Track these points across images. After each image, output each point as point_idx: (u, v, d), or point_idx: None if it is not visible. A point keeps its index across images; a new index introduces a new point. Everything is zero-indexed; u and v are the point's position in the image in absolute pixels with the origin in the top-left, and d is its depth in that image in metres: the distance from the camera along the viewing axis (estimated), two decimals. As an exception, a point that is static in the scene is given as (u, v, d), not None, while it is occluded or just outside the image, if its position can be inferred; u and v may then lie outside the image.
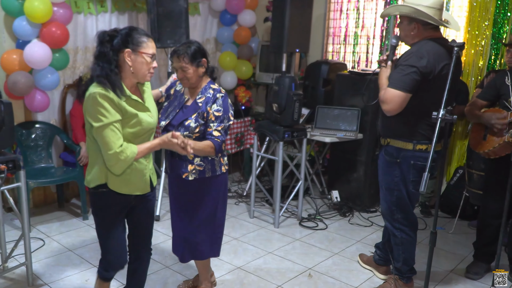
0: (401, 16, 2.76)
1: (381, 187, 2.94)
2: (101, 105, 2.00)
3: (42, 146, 4.22)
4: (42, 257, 3.42)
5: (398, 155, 2.76)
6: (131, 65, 2.09)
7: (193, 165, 2.58)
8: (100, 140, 2.04)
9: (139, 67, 2.11)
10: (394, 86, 2.60)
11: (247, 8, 5.42)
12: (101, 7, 4.55)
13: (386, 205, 2.92)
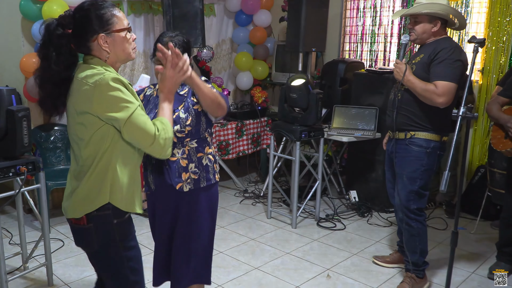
0: (418, 16, 2.80)
1: (400, 177, 2.93)
2: (119, 89, 1.63)
3: (61, 148, 4.27)
4: (61, 257, 3.46)
5: (428, 145, 2.84)
6: (109, 50, 1.71)
7: (187, 172, 2.20)
8: (135, 131, 1.65)
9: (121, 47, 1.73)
10: (448, 79, 2.67)
11: (262, 8, 5.42)
12: (118, 10, 4.58)
13: (403, 195, 2.91)
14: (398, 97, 2.87)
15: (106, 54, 1.71)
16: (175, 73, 1.81)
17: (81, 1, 1.74)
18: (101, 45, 1.68)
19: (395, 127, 2.89)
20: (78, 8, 1.68)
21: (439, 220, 4.19)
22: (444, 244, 3.65)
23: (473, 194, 4.26)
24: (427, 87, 2.70)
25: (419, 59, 2.82)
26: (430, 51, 2.77)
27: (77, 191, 1.75)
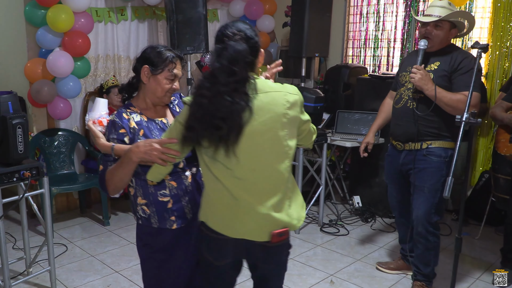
0: (441, 21, 2.75)
1: (421, 190, 2.85)
2: None
3: (65, 153, 4.28)
4: (65, 262, 3.46)
5: (446, 154, 2.80)
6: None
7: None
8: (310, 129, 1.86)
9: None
10: (476, 89, 2.63)
11: (265, 13, 5.43)
12: (121, 16, 4.61)
13: (425, 209, 2.84)
14: (412, 106, 2.80)
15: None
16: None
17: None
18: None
19: (415, 138, 2.80)
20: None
21: (443, 225, 4.17)
22: (448, 250, 3.63)
23: (477, 200, 4.24)
24: (456, 98, 2.64)
25: (436, 67, 2.76)
26: (448, 60, 2.73)
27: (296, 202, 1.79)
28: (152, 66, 1.90)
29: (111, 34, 4.61)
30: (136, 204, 1.96)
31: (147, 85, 1.92)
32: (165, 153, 1.65)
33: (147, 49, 1.96)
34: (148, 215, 1.94)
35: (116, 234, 3.99)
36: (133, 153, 1.68)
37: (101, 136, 1.85)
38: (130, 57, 4.81)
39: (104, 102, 2.00)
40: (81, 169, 4.55)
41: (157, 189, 1.92)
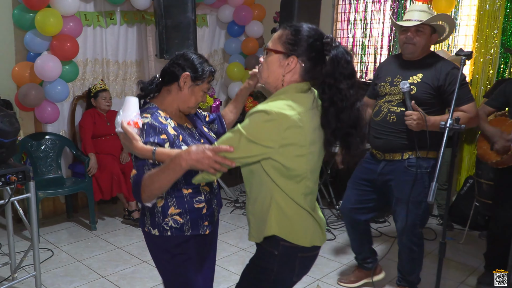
0: (423, 24, 2.70)
1: (403, 203, 2.79)
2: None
3: (52, 157, 4.25)
4: (51, 267, 3.43)
5: (428, 164, 2.76)
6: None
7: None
8: None
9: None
10: (472, 99, 2.68)
11: (254, 19, 5.47)
12: (110, 20, 4.61)
13: (409, 221, 2.79)
14: (392, 120, 2.74)
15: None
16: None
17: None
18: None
19: (396, 150, 2.77)
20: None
21: (429, 230, 4.22)
22: (433, 254, 3.68)
23: (462, 205, 4.30)
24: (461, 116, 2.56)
25: (419, 80, 2.69)
26: (432, 72, 2.68)
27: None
28: (194, 75, 1.84)
29: (99, 38, 4.61)
30: (164, 215, 1.84)
31: (182, 93, 1.85)
32: (218, 162, 1.51)
33: (191, 56, 1.88)
34: (181, 224, 1.85)
35: (103, 239, 3.98)
36: (183, 159, 1.52)
37: (139, 139, 1.70)
38: (118, 61, 4.81)
39: (136, 100, 1.83)
40: (68, 173, 4.52)
41: (192, 196, 1.87)
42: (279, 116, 1.46)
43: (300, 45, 1.55)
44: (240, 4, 5.36)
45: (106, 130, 4.35)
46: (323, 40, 1.56)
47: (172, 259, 1.90)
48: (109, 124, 4.37)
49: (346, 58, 1.52)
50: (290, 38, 1.56)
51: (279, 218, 1.61)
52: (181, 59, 1.88)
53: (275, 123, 1.46)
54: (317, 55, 1.56)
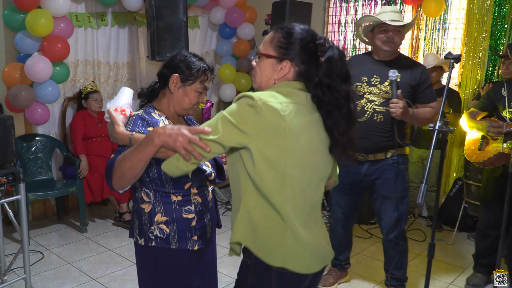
0: (405, 26, 2.83)
1: (389, 199, 2.86)
2: None
3: (42, 159, 4.23)
4: (41, 270, 3.41)
5: (407, 160, 2.93)
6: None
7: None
8: None
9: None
10: (436, 98, 2.90)
11: (246, 21, 5.48)
12: (102, 21, 4.60)
13: (396, 216, 2.87)
14: (379, 120, 2.77)
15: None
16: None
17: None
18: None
19: (383, 150, 2.82)
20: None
21: (419, 231, 4.26)
22: (423, 255, 3.71)
23: (450, 206, 4.35)
24: (428, 114, 2.81)
25: (399, 80, 2.72)
26: (408, 73, 2.77)
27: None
28: (183, 75, 1.79)
29: (91, 40, 4.59)
30: (151, 223, 1.75)
31: (174, 95, 1.80)
32: (192, 143, 1.37)
33: (177, 56, 1.83)
34: (167, 235, 1.75)
35: (93, 241, 3.96)
36: (156, 133, 1.40)
37: (121, 124, 1.64)
38: (110, 62, 4.80)
39: (130, 92, 1.76)
40: (59, 175, 4.50)
41: (182, 204, 1.77)
42: (261, 102, 1.37)
43: (293, 49, 1.48)
44: (231, 6, 5.37)
45: (97, 132, 4.33)
46: (316, 41, 1.49)
47: (154, 273, 1.79)
48: (100, 125, 4.36)
49: (341, 59, 1.46)
50: (282, 41, 1.49)
51: (245, 223, 1.45)
52: (171, 60, 1.84)
53: (256, 110, 1.37)
54: (310, 57, 1.49)
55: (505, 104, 3.01)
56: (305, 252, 1.46)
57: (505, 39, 4.09)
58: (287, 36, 1.49)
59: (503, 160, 2.95)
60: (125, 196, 4.25)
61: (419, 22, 4.61)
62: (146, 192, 1.77)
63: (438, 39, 4.52)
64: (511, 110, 2.99)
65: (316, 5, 5.02)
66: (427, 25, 4.57)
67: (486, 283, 3.27)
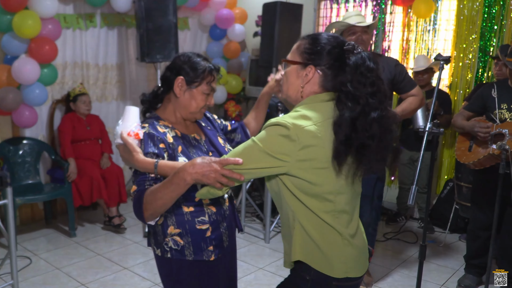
0: (370, 26, 3.02)
1: (369, 198, 3.03)
2: None
3: (30, 163, 4.17)
4: (29, 276, 3.36)
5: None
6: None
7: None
8: None
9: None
10: (416, 83, 3.06)
11: (236, 22, 5.46)
12: (90, 23, 4.56)
13: (375, 214, 3.10)
14: None
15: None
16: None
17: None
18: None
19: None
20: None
21: (410, 233, 4.26)
22: (414, 257, 3.71)
23: (442, 208, 4.36)
24: (414, 104, 2.96)
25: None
26: (387, 67, 2.95)
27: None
28: (188, 77, 1.71)
29: (79, 41, 4.54)
30: (165, 235, 1.70)
31: (180, 99, 1.72)
32: (225, 176, 1.37)
33: (181, 57, 1.75)
34: (182, 246, 1.70)
35: (83, 246, 3.91)
36: (187, 173, 1.39)
37: (140, 151, 1.58)
38: (99, 64, 4.75)
39: (136, 110, 1.68)
40: (47, 179, 4.44)
41: (194, 216, 1.71)
42: (295, 128, 1.33)
43: (318, 54, 1.44)
44: (222, 7, 5.34)
45: (85, 135, 4.28)
46: (343, 47, 1.44)
47: (174, 284, 1.75)
48: (89, 128, 4.31)
49: (368, 65, 1.39)
50: (308, 47, 1.46)
51: (302, 241, 1.45)
52: (174, 62, 1.75)
53: (292, 138, 1.33)
54: (337, 63, 1.43)
55: (495, 105, 3.02)
56: (361, 256, 1.52)
57: (495, 40, 4.11)
58: (312, 42, 1.47)
59: (493, 161, 2.95)
60: (115, 200, 4.21)
61: (410, 23, 4.62)
62: None
63: (429, 40, 4.53)
64: (501, 111, 2.99)
65: (307, 6, 5.01)
66: (417, 27, 4.58)
67: (477, 284, 3.28)
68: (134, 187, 1.58)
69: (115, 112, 5.02)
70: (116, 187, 4.22)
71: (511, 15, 3.99)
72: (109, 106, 4.95)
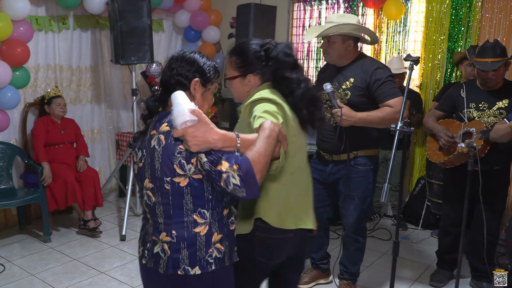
0: (331, 36, 2.77)
1: (351, 199, 2.94)
2: None
3: (2, 167, 4.09)
4: (2, 283, 3.29)
5: (372, 162, 2.93)
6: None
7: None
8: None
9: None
10: (398, 95, 2.73)
11: (211, 24, 5.47)
12: (63, 24, 4.50)
13: (356, 215, 2.96)
14: (334, 124, 2.81)
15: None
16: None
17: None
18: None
19: (342, 151, 2.87)
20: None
21: (384, 231, 4.34)
22: (388, 254, 3.79)
23: (414, 205, 4.46)
24: (384, 113, 2.70)
25: (351, 84, 2.79)
26: (361, 75, 2.78)
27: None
28: (203, 78, 1.63)
29: (52, 43, 4.48)
30: (208, 245, 1.54)
31: (194, 102, 1.51)
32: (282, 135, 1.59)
33: (192, 57, 1.63)
34: (223, 253, 1.58)
35: (58, 251, 3.86)
36: (273, 131, 1.49)
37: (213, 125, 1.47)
38: (72, 67, 4.69)
39: (182, 93, 1.50)
40: (20, 184, 4.36)
41: (229, 216, 1.63)
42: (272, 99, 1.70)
43: (249, 63, 1.78)
44: (196, 9, 5.35)
45: (59, 138, 4.22)
46: (264, 47, 1.78)
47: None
48: (63, 132, 4.26)
49: (285, 51, 1.76)
50: (239, 62, 1.79)
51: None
52: (184, 63, 1.61)
53: (276, 102, 1.70)
54: (265, 62, 1.78)
55: (464, 105, 3.12)
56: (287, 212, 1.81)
57: (462, 41, 4.24)
58: (240, 56, 1.79)
59: (462, 159, 3.05)
60: (90, 204, 4.16)
61: (381, 25, 4.71)
62: (201, 213, 1.54)
63: (399, 41, 4.64)
64: (469, 110, 3.09)
65: (281, 8, 5.06)
66: (388, 28, 4.68)
67: (449, 279, 3.37)
68: (225, 163, 1.40)
69: (90, 115, 4.96)
70: (92, 191, 4.17)
71: (478, 16, 4.12)
72: (83, 108, 4.89)
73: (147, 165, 1.56)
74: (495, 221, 3.15)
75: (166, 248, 1.54)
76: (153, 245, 1.58)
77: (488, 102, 3.04)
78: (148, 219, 1.64)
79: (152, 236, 1.59)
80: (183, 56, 1.64)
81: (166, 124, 1.54)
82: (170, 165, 1.48)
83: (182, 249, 1.53)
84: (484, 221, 3.03)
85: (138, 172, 1.64)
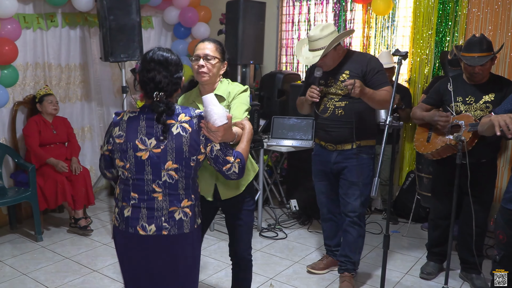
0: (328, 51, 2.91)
1: (356, 185, 3.10)
2: None
3: (-9, 166, 4.06)
4: (-6, 282, 3.29)
5: (372, 151, 3.15)
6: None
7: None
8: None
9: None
10: (389, 84, 2.99)
11: (200, 21, 5.47)
12: (51, 22, 4.47)
13: (361, 200, 3.12)
14: (340, 114, 3.02)
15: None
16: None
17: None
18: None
19: (348, 140, 3.05)
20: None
21: (375, 225, 4.38)
22: (380, 247, 3.83)
23: (404, 199, 4.50)
24: (384, 93, 2.91)
25: (348, 76, 2.98)
26: (357, 66, 2.98)
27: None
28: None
29: (40, 41, 4.45)
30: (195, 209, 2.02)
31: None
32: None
33: (177, 57, 1.99)
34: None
35: (49, 250, 3.85)
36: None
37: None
38: (61, 64, 4.66)
39: (212, 95, 1.87)
40: (10, 183, 4.33)
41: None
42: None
43: (225, 52, 2.33)
44: (185, 6, 5.34)
45: (51, 139, 4.20)
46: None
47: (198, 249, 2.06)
48: (55, 132, 4.24)
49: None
50: (221, 49, 2.32)
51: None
52: (179, 67, 1.94)
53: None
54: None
55: (451, 98, 3.15)
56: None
57: (450, 36, 4.28)
58: (221, 44, 2.35)
59: (450, 151, 3.09)
60: (81, 202, 4.15)
61: (369, 20, 4.74)
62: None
63: (388, 36, 4.67)
64: (457, 104, 3.13)
65: (270, 4, 5.07)
66: (376, 23, 4.71)
67: (439, 271, 3.42)
68: (231, 156, 1.92)
69: (80, 113, 4.94)
70: (83, 189, 4.16)
71: (464, 11, 4.16)
72: (73, 106, 4.87)
73: (171, 149, 1.84)
74: (483, 213, 3.19)
75: (188, 211, 1.92)
76: (172, 215, 1.89)
77: (474, 96, 3.08)
78: (159, 200, 1.88)
79: (169, 208, 1.88)
80: (172, 59, 1.93)
81: (184, 115, 1.87)
82: (196, 146, 1.87)
83: (196, 206, 1.97)
84: (473, 214, 3.08)
85: (150, 157, 1.85)
